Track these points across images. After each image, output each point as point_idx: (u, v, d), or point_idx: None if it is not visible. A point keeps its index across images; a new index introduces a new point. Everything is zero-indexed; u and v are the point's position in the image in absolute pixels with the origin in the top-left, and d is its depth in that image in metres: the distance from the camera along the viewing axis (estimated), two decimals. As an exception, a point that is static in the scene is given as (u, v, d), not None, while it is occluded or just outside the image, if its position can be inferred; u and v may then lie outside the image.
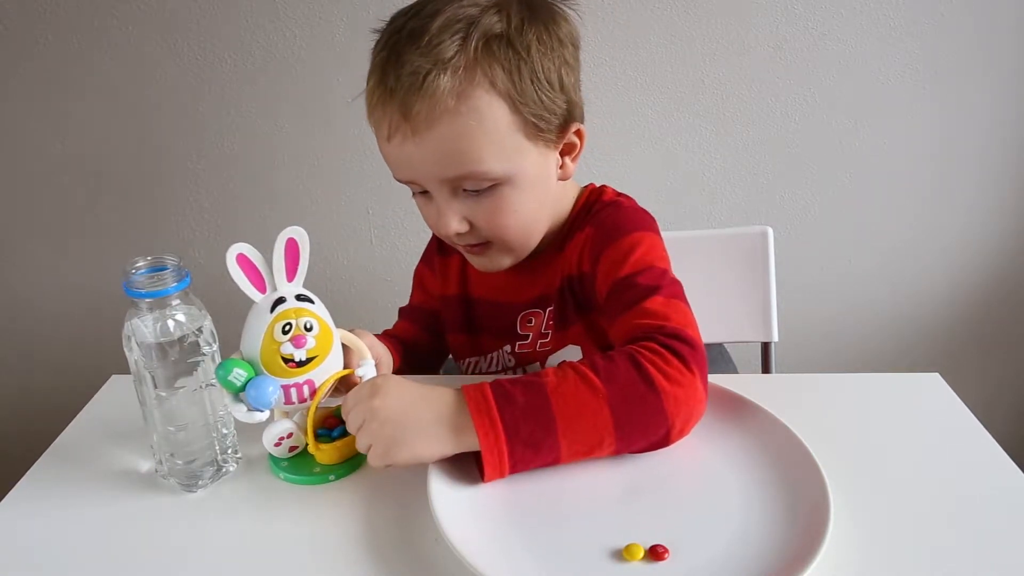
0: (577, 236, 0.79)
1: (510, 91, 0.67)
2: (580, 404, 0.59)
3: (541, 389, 0.60)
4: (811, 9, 1.34)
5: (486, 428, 0.58)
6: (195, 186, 1.49)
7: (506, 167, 0.69)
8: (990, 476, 0.62)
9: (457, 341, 0.93)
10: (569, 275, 0.80)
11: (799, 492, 0.58)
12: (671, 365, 0.61)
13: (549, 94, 0.69)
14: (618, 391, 0.60)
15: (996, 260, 1.54)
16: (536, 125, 0.70)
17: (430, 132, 0.66)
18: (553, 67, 0.69)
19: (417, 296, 0.98)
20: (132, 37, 1.37)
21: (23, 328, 1.62)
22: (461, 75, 0.65)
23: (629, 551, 0.53)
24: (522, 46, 0.67)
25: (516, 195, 0.72)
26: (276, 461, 0.66)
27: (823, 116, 1.42)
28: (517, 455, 0.59)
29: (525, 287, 0.84)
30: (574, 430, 0.59)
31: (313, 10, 1.35)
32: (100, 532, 0.60)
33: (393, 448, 0.59)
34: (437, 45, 0.64)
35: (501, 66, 0.66)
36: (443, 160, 0.68)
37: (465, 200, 0.72)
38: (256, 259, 0.62)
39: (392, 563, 0.55)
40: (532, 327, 0.85)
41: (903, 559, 0.54)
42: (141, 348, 0.60)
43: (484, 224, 0.73)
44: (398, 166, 0.72)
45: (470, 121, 0.66)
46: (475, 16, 0.66)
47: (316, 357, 0.64)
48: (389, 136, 0.68)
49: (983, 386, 1.66)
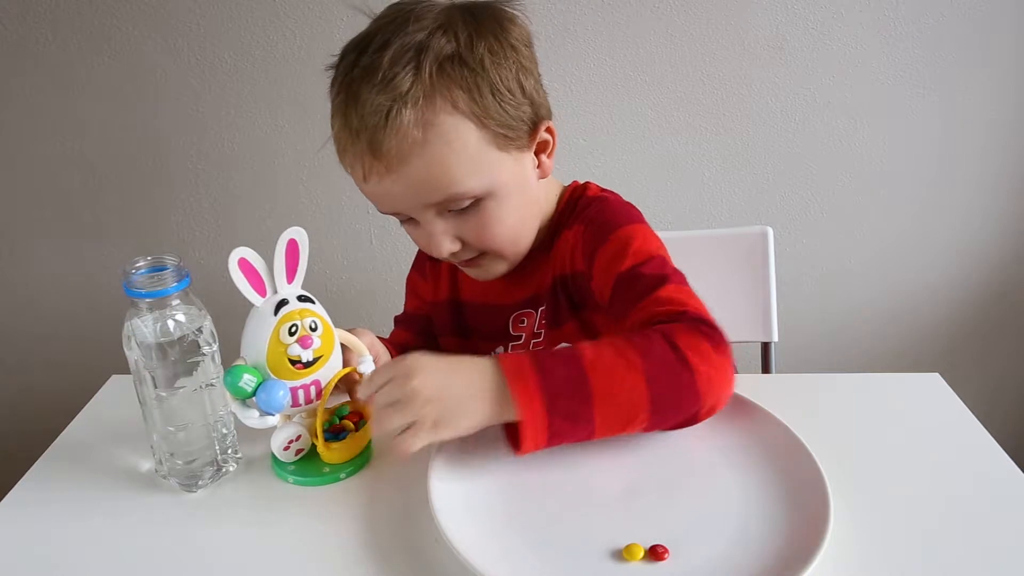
0: (565, 234, 0.79)
1: (473, 109, 0.67)
2: (617, 379, 0.59)
3: (578, 362, 0.59)
4: (811, 9, 1.34)
5: (526, 399, 0.57)
6: (195, 186, 1.49)
7: (484, 182, 0.69)
8: (990, 476, 0.62)
9: (450, 345, 0.92)
10: (562, 274, 0.80)
11: (799, 492, 0.58)
12: (703, 346, 0.61)
13: (512, 103, 0.69)
14: (654, 367, 0.59)
15: (996, 260, 1.54)
16: (505, 136, 0.70)
17: (404, 167, 0.66)
18: (511, 75, 0.69)
19: (411, 303, 0.98)
20: (132, 37, 1.37)
21: (23, 328, 1.62)
22: (422, 105, 0.65)
23: (629, 551, 0.53)
24: (475, 62, 0.67)
25: (499, 206, 0.72)
26: (281, 465, 0.66)
27: (823, 116, 1.42)
28: (555, 427, 0.58)
29: (515, 288, 0.84)
30: (610, 405, 0.59)
31: (313, 10, 1.35)
32: (100, 532, 0.60)
33: (440, 426, 0.58)
34: (392, 79, 0.64)
35: (459, 86, 0.66)
36: (422, 189, 0.68)
37: (452, 220, 0.72)
38: (257, 263, 0.62)
39: (392, 563, 0.55)
40: (525, 327, 0.85)
41: (903, 559, 0.54)
42: (141, 348, 0.60)
43: (474, 239, 0.74)
44: (380, 202, 0.72)
45: (440, 147, 0.66)
46: (423, 41, 0.65)
47: (322, 357, 0.64)
48: (365, 177, 0.69)
49: (983, 386, 1.66)
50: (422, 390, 0.58)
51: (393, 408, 0.58)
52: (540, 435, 0.58)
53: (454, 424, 0.58)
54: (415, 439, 0.58)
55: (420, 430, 0.58)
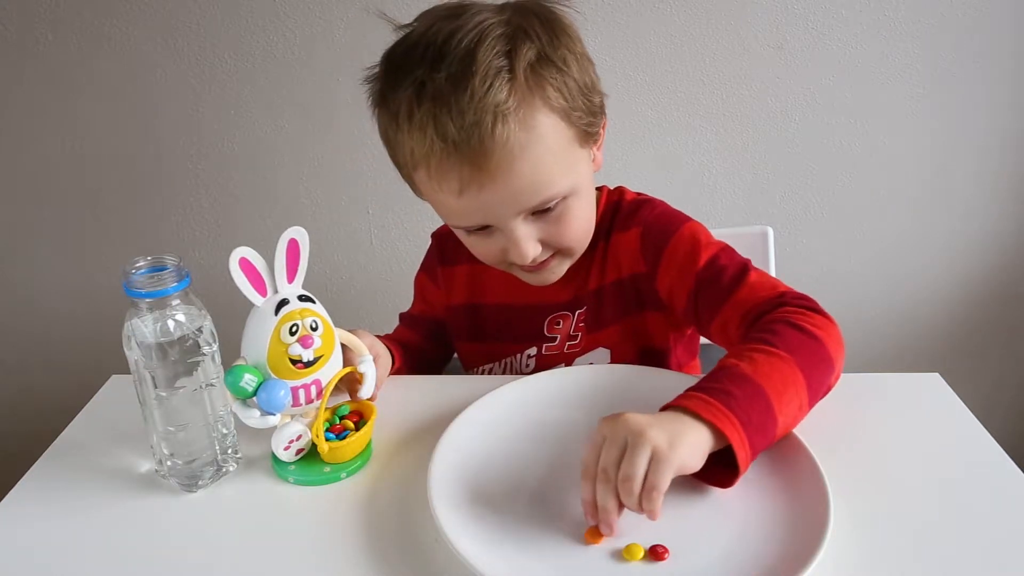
0: (618, 238, 0.80)
1: (563, 106, 0.68)
2: (782, 378, 0.61)
3: (744, 376, 0.60)
4: (811, 9, 1.34)
5: (730, 428, 0.56)
6: (195, 186, 1.49)
7: (571, 181, 0.71)
8: (990, 476, 0.62)
9: (467, 350, 0.92)
10: (617, 279, 0.81)
11: (799, 492, 0.58)
12: (816, 319, 0.66)
13: (591, 97, 0.71)
14: (801, 354, 0.63)
15: (996, 260, 1.54)
16: (586, 131, 0.71)
17: (508, 174, 0.66)
18: (587, 69, 0.71)
19: (418, 306, 0.97)
20: (132, 37, 1.37)
21: (23, 328, 1.62)
22: (522, 111, 0.65)
23: (629, 551, 0.53)
24: (559, 59, 0.68)
25: (578, 204, 0.73)
26: (282, 465, 0.66)
27: (823, 116, 1.42)
28: (756, 444, 0.58)
29: (553, 290, 0.82)
30: (784, 403, 0.60)
31: (313, 10, 1.35)
32: (100, 532, 0.60)
33: (674, 446, 0.54)
34: (488, 89, 0.63)
35: (551, 85, 0.67)
36: (520, 195, 0.68)
37: (536, 223, 0.72)
38: (257, 262, 0.62)
39: (392, 563, 0.55)
40: (560, 329, 0.84)
41: (903, 559, 0.54)
42: (141, 348, 0.60)
43: (555, 239, 0.74)
44: (468, 215, 0.71)
45: (540, 148, 0.67)
46: (505, 45, 0.65)
47: (322, 356, 0.64)
48: (461, 191, 0.67)
49: (983, 386, 1.65)
50: (635, 421, 0.55)
51: (625, 454, 0.54)
52: (748, 457, 0.57)
53: (683, 441, 0.54)
54: (657, 475, 0.53)
55: (660, 460, 0.53)
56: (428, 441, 0.65)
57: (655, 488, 0.52)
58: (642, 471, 0.53)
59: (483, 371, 0.91)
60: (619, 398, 0.70)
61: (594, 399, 0.71)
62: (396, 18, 0.71)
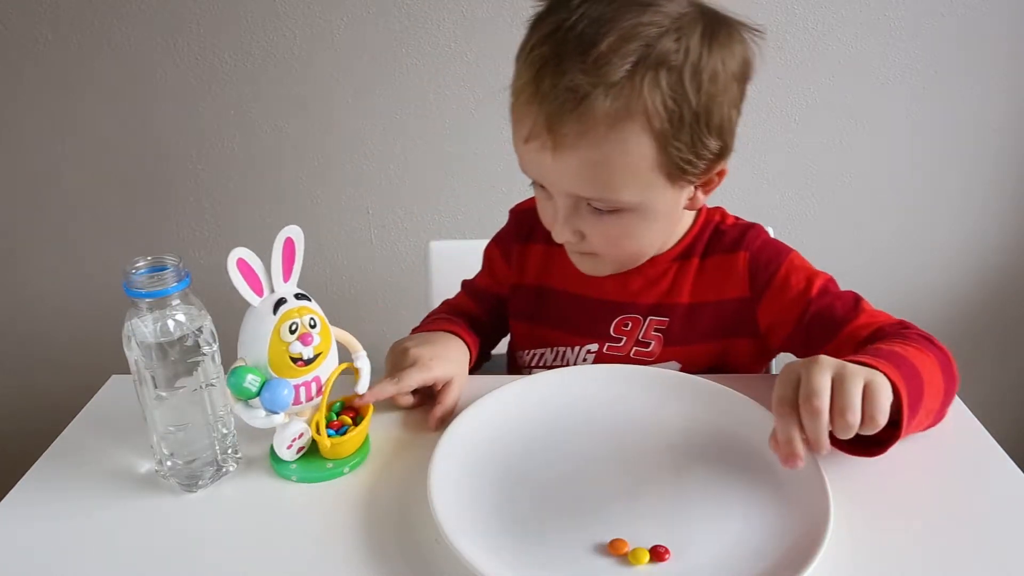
0: (720, 259, 0.79)
1: (665, 131, 0.63)
2: (931, 370, 0.62)
3: (909, 361, 0.60)
4: (811, 9, 1.34)
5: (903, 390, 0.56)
6: (195, 186, 1.49)
7: (639, 198, 0.67)
8: (990, 476, 0.62)
9: (522, 331, 0.89)
10: (718, 299, 0.79)
11: (799, 492, 0.58)
12: (936, 340, 0.68)
13: (705, 139, 0.65)
14: (938, 357, 0.65)
15: (996, 260, 1.54)
16: (681, 168, 0.66)
17: (572, 152, 0.64)
18: (720, 112, 0.66)
19: (484, 279, 0.94)
20: (132, 37, 1.37)
21: (23, 328, 1.62)
22: (621, 104, 0.61)
23: (634, 555, 0.53)
24: (693, 85, 0.62)
25: (640, 223, 0.70)
26: (283, 464, 0.66)
27: (823, 116, 1.42)
28: (914, 408, 0.58)
29: (629, 290, 0.81)
30: (931, 397, 0.61)
31: (313, 10, 1.35)
32: (100, 532, 0.60)
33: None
34: (605, 64, 0.60)
35: (664, 104, 0.62)
36: (577, 180, 0.66)
37: (587, 216, 0.70)
38: (254, 263, 0.62)
39: (392, 563, 0.55)
40: (628, 331, 0.82)
41: (903, 559, 0.54)
42: (141, 348, 0.60)
43: (599, 241, 0.72)
44: (529, 166, 0.69)
45: (613, 153, 0.63)
46: (653, 39, 0.61)
47: (321, 353, 0.65)
48: (528, 139, 0.66)
49: (983, 386, 1.65)
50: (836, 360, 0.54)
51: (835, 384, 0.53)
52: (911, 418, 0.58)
53: (885, 381, 0.54)
54: (875, 404, 0.52)
55: (876, 389, 0.53)
56: (428, 441, 0.65)
57: (876, 416, 0.52)
58: (859, 399, 0.52)
59: (532, 356, 0.88)
60: (621, 398, 0.70)
61: (595, 399, 0.71)
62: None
